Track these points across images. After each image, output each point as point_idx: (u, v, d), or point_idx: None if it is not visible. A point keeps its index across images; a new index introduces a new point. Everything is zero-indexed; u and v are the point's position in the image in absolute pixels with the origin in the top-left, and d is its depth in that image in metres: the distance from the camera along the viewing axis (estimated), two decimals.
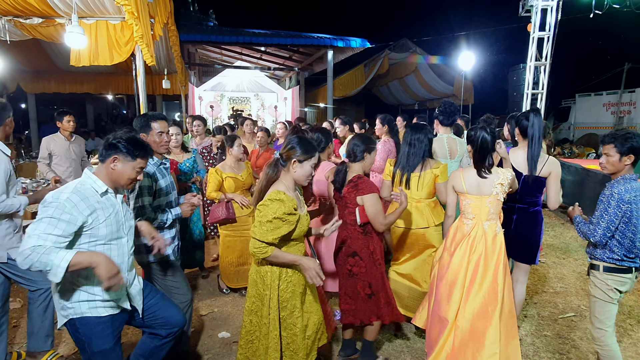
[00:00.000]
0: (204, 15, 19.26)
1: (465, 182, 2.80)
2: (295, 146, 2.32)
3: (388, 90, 19.20)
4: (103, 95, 17.15)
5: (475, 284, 2.70)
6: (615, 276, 2.57)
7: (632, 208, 2.45)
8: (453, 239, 2.88)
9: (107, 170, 2.09)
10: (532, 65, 9.11)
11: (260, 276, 2.36)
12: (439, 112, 4.06)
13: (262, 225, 2.20)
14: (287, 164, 2.33)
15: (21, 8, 4.96)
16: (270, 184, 2.34)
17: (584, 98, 17.20)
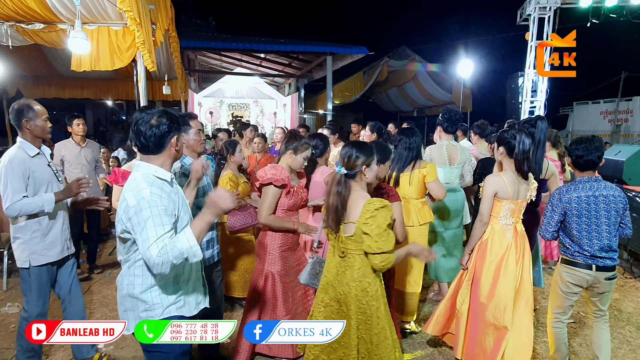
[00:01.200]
0: (204, 22, 19.37)
1: (510, 187, 2.80)
2: (358, 154, 2.26)
3: (387, 97, 19.28)
4: (103, 101, 17.18)
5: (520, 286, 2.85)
6: (570, 269, 2.80)
7: (570, 207, 2.72)
8: (492, 249, 2.87)
9: (171, 153, 1.96)
10: (530, 73, 9.18)
11: (362, 290, 2.26)
12: (443, 119, 4.07)
13: (381, 237, 2.14)
14: (356, 174, 2.28)
15: (23, 14, 4.99)
16: (345, 201, 2.25)
17: (582, 106, 17.31)
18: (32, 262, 2.82)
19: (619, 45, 17.52)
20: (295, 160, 3.01)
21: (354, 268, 2.27)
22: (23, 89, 11.26)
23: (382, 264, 2.17)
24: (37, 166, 2.79)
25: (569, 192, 2.75)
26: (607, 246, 2.70)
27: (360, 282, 2.26)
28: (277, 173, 2.86)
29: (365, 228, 2.15)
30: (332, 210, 2.26)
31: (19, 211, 2.64)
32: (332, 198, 2.27)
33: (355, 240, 2.23)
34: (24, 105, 2.78)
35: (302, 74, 15.17)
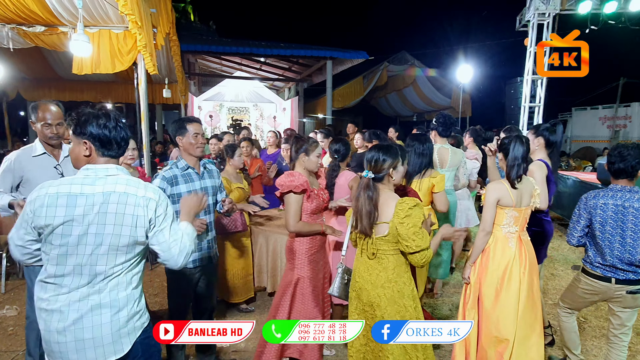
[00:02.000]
0: (204, 25, 19.42)
1: (513, 194, 2.72)
2: (385, 157, 2.28)
3: (386, 102, 19.33)
4: (102, 104, 17.18)
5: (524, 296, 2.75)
6: (588, 280, 2.79)
7: (595, 213, 2.68)
8: (494, 258, 2.79)
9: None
10: (529, 79, 9.22)
11: (399, 291, 2.27)
12: (437, 123, 4.15)
13: (418, 235, 2.16)
14: (383, 177, 2.30)
15: (25, 16, 5.01)
16: (376, 204, 2.26)
17: (580, 112, 17.38)
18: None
19: (617, 52, 17.58)
20: (309, 161, 3.00)
21: (388, 269, 2.28)
22: (23, 91, 11.26)
23: (423, 261, 2.20)
24: (36, 166, 2.69)
25: (596, 197, 2.69)
26: (630, 259, 2.60)
27: (396, 282, 2.27)
28: (294, 179, 2.85)
29: (402, 228, 2.16)
30: (365, 215, 2.25)
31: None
32: (364, 203, 2.26)
33: (389, 240, 2.24)
34: (33, 105, 2.73)
35: (302, 78, 15.20)
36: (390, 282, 2.26)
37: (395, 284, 2.26)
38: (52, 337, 1.67)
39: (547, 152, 3.39)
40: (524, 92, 9.37)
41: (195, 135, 2.80)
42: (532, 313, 2.77)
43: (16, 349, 3.40)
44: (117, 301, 1.72)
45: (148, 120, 5.68)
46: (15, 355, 3.31)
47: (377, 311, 2.28)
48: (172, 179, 2.72)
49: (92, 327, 1.67)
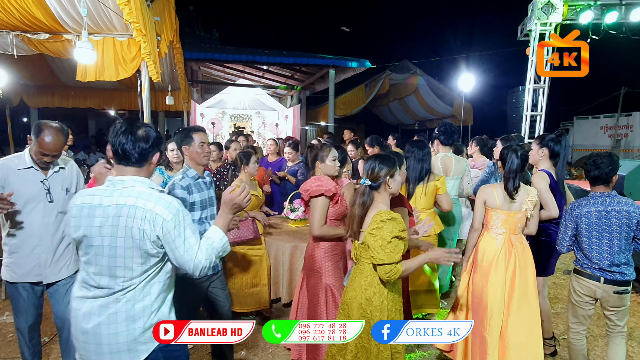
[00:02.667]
0: (207, 33, 19.55)
1: (498, 197, 2.96)
2: (381, 166, 2.34)
3: (388, 110, 19.36)
4: (105, 111, 17.26)
5: (514, 296, 2.89)
6: (579, 279, 2.90)
7: (580, 221, 2.81)
8: (483, 255, 3.01)
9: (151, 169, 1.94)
10: (530, 88, 9.23)
11: (367, 298, 2.31)
12: (439, 132, 4.19)
13: (384, 248, 2.18)
14: (380, 185, 2.35)
15: (29, 23, 5.04)
16: (366, 210, 2.34)
17: (582, 121, 17.39)
18: (2, 275, 2.70)
19: (618, 62, 17.61)
20: (326, 167, 3.01)
21: (363, 275, 2.35)
22: (27, 98, 11.32)
23: (387, 275, 2.20)
24: (21, 179, 2.56)
25: (580, 207, 2.84)
26: (617, 261, 2.74)
27: (366, 290, 2.31)
28: (324, 184, 2.86)
29: (370, 238, 2.23)
30: (356, 220, 2.35)
31: None
32: (356, 208, 2.35)
33: (364, 248, 2.32)
34: (38, 126, 2.56)
35: (305, 86, 15.25)
36: (362, 288, 2.33)
37: (365, 291, 2.32)
38: (78, 335, 1.78)
39: (551, 162, 3.40)
40: (525, 100, 9.38)
41: (201, 144, 2.83)
42: (527, 317, 2.88)
43: (16, 356, 3.38)
44: (133, 312, 1.75)
45: None
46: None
47: (348, 311, 2.39)
48: (188, 188, 2.73)
49: (109, 334, 1.73)
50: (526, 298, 2.91)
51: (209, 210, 2.90)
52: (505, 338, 2.87)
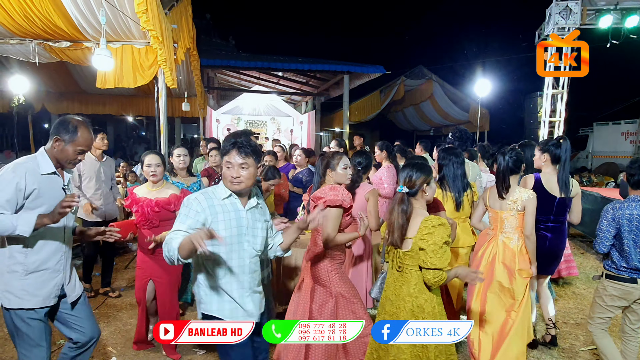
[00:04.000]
0: (224, 41, 19.78)
1: (490, 197, 3.25)
2: (418, 174, 2.39)
3: (403, 116, 19.29)
4: (124, 117, 17.57)
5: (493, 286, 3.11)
6: (615, 283, 2.94)
7: (622, 223, 2.86)
8: (480, 244, 3.30)
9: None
10: (549, 94, 9.11)
11: (419, 306, 2.34)
12: (454, 138, 4.17)
13: (436, 253, 2.23)
14: (417, 192, 2.40)
15: (51, 32, 5.17)
16: (408, 218, 2.37)
17: (602, 127, 17.02)
18: (4, 303, 2.23)
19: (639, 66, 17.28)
20: (337, 175, 3.00)
21: (411, 284, 2.36)
22: (48, 104, 11.59)
23: (435, 280, 2.25)
24: (47, 184, 2.30)
25: (622, 208, 2.89)
26: None
27: (417, 297, 2.34)
28: (341, 194, 2.84)
29: (422, 243, 2.26)
30: (397, 228, 2.37)
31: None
32: (397, 216, 2.38)
33: (412, 255, 2.33)
34: (68, 121, 2.33)
35: (319, 92, 15.30)
36: (411, 297, 2.34)
37: (416, 298, 2.34)
38: None
39: (554, 167, 3.49)
40: (543, 106, 9.26)
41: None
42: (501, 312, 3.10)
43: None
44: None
45: (167, 132, 5.77)
46: None
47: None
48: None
49: None
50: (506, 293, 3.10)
51: None
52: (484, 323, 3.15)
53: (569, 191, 3.41)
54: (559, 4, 8.63)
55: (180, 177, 4.17)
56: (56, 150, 2.32)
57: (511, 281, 3.07)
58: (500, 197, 3.13)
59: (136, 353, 3.57)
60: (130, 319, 4.21)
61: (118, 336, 3.86)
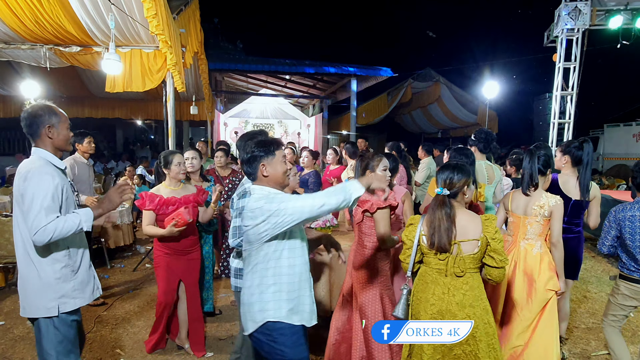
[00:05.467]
0: (231, 45, 19.89)
1: (512, 202, 3.15)
2: (460, 176, 2.35)
3: (411, 119, 19.24)
4: (133, 121, 17.72)
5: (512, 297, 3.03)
6: (627, 284, 2.98)
7: (624, 224, 2.91)
8: None
9: (261, 178, 2.15)
10: (558, 95, 9.03)
11: (484, 307, 2.34)
12: (477, 139, 4.09)
13: (503, 251, 2.28)
14: (457, 194, 2.36)
15: (62, 37, 5.23)
16: (453, 220, 2.31)
17: (613, 128, 16.82)
18: (61, 308, 2.19)
19: None
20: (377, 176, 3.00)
21: (475, 287, 2.31)
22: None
23: (502, 277, 2.31)
24: (65, 181, 2.28)
25: (624, 210, 2.94)
26: None
27: (482, 300, 2.33)
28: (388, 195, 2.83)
29: (495, 243, 2.26)
30: (444, 231, 2.29)
31: (52, 234, 2.05)
32: (441, 219, 2.30)
33: (477, 257, 2.30)
34: (43, 108, 2.28)
35: (326, 95, 15.31)
36: (478, 300, 2.30)
37: (482, 301, 2.33)
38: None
39: (575, 169, 3.46)
40: (553, 108, 9.17)
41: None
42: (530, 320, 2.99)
43: None
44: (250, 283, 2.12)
45: (175, 135, 5.80)
46: None
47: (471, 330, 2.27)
48: None
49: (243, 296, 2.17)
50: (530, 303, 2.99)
51: None
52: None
53: (588, 194, 3.36)
54: (568, 5, 8.56)
55: (193, 181, 4.05)
56: (54, 138, 2.28)
57: (530, 293, 2.96)
58: (525, 194, 3.04)
59: (144, 355, 3.58)
60: (138, 320, 4.23)
61: (126, 338, 3.88)
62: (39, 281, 2.16)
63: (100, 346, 3.72)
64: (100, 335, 3.91)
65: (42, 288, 2.16)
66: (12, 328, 4.04)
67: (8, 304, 4.61)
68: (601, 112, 18.20)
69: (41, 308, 2.16)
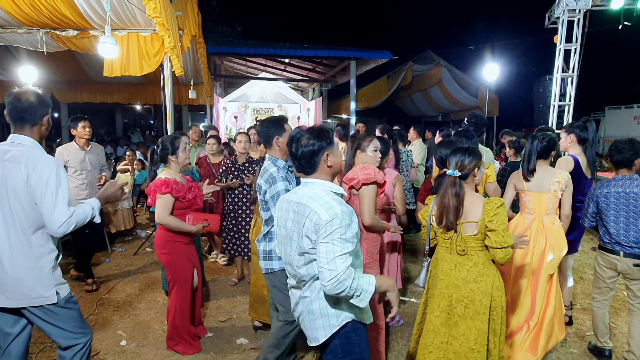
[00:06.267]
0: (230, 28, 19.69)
1: (526, 182, 3.26)
2: (470, 158, 2.44)
3: (411, 102, 19.15)
4: (132, 105, 17.67)
5: (542, 272, 3.16)
6: (603, 254, 3.20)
7: (600, 200, 3.13)
8: (513, 233, 3.21)
9: (325, 170, 1.99)
10: (558, 77, 8.98)
11: (490, 283, 2.43)
12: (469, 123, 4.12)
13: (505, 232, 2.34)
14: (468, 176, 2.46)
15: (58, 21, 5.19)
16: (462, 200, 2.42)
17: (614, 111, 16.74)
18: (60, 293, 2.23)
19: None
20: (367, 156, 3.02)
21: (479, 264, 2.44)
22: (57, 93, 11.67)
23: (507, 258, 2.35)
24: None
25: (601, 187, 3.14)
26: (635, 237, 3.00)
27: (488, 275, 2.44)
28: (373, 171, 2.82)
29: (492, 225, 2.34)
30: (453, 211, 2.42)
31: (74, 225, 2.13)
32: (451, 199, 2.43)
33: (478, 238, 2.41)
34: (46, 97, 2.30)
35: (326, 78, 15.22)
36: (482, 276, 2.42)
37: (487, 277, 2.43)
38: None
39: (581, 148, 3.58)
40: (553, 90, 9.12)
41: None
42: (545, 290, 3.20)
43: (44, 341, 3.52)
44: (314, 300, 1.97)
45: (174, 120, 5.80)
46: (43, 347, 3.43)
47: (470, 306, 2.42)
48: (286, 178, 2.70)
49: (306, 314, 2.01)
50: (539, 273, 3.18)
51: None
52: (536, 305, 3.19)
53: (596, 172, 3.58)
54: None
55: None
56: (44, 127, 2.28)
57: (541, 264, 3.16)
58: (525, 179, 3.23)
59: (145, 336, 3.65)
60: (139, 303, 4.30)
61: (127, 320, 3.95)
62: (37, 272, 2.16)
63: (102, 328, 3.79)
64: (102, 318, 3.98)
65: (41, 278, 2.16)
66: None
67: None
68: (603, 95, 18.10)
69: (39, 298, 2.16)
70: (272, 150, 2.82)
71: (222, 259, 5.43)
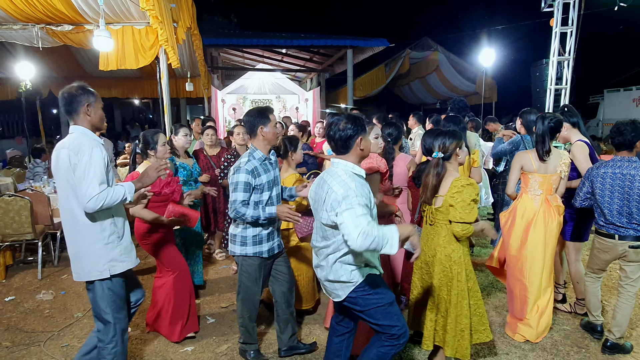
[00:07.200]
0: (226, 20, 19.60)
1: (534, 162, 3.31)
2: (451, 140, 2.67)
3: (409, 90, 19.10)
4: (130, 100, 17.68)
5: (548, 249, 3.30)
6: (598, 238, 3.21)
7: (595, 180, 3.11)
8: (523, 215, 3.37)
9: (357, 152, 2.27)
10: (554, 61, 8.96)
11: (446, 255, 2.69)
12: (451, 109, 4.25)
13: (464, 209, 2.54)
14: (450, 156, 2.70)
15: (52, 16, 5.21)
16: (441, 179, 2.67)
17: (613, 94, 16.70)
18: (111, 271, 2.43)
19: None
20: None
21: (440, 236, 2.71)
22: (55, 89, 11.65)
23: (463, 232, 2.57)
24: (107, 157, 2.47)
25: (598, 168, 3.14)
26: (629, 218, 3.01)
27: (445, 248, 2.70)
28: (375, 161, 3.02)
29: (451, 201, 2.57)
30: (431, 188, 2.69)
31: (103, 201, 2.27)
32: (431, 178, 2.69)
33: (442, 211, 2.66)
34: (81, 88, 2.47)
35: (323, 68, 15.19)
36: (440, 247, 2.71)
37: (444, 249, 2.69)
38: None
39: (579, 132, 3.64)
40: (549, 74, 9.11)
41: (276, 124, 2.97)
42: (550, 268, 3.35)
43: (52, 329, 3.62)
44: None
45: (172, 113, 5.83)
46: (51, 335, 3.52)
47: (430, 268, 2.79)
48: (253, 171, 2.79)
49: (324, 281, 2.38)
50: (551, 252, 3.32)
51: (275, 190, 2.96)
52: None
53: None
54: None
55: (182, 158, 4.22)
56: (91, 116, 2.48)
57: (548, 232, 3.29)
58: (541, 159, 3.26)
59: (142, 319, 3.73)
60: None
61: None
62: (89, 248, 2.39)
63: None
64: None
65: (93, 254, 2.39)
66: (22, 302, 4.21)
67: (17, 280, 4.77)
68: (601, 78, 18.02)
69: (94, 272, 2.40)
70: (256, 141, 2.91)
71: (219, 255, 5.37)
